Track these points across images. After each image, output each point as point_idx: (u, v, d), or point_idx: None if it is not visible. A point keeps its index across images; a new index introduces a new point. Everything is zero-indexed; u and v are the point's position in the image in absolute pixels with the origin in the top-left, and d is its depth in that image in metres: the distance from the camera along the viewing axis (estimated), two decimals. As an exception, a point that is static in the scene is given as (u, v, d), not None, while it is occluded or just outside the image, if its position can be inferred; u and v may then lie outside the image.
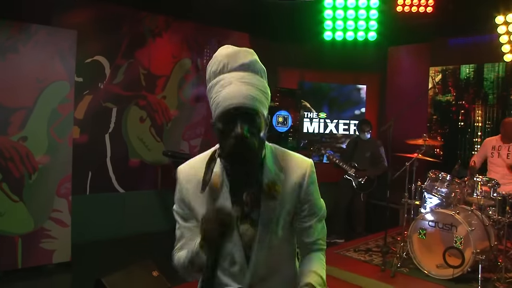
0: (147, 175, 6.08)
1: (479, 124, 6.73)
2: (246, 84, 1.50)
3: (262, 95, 1.54)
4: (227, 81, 1.51)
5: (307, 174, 1.63)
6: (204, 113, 6.69)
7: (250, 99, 1.49)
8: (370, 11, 5.33)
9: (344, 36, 5.74)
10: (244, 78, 1.52)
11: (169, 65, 6.25)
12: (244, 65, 1.54)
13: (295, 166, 1.64)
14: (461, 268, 4.03)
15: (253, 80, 1.53)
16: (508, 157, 4.95)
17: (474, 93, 6.72)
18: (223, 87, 1.51)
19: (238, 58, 1.55)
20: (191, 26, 6.40)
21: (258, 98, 1.51)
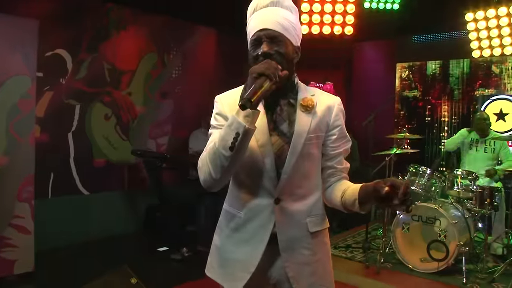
0: (113, 176, 5.73)
1: (446, 119, 6.87)
2: (273, 14, 1.63)
3: (290, 25, 1.65)
4: (257, 14, 1.66)
5: (336, 103, 1.76)
6: (171, 110, 6.41)
7: (275, 24, 1.62)
8: (348, 5, 5.29)
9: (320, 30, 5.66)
10: (272, 11, 1.64)
11: (135, 60, 5.93)
12: (273, 2, 1.65)
13: (325, 96, 1.77)
14: (446, 261, 4.03)
15: (280, 12, 1.64)
16: (485, 151, 5.01)
17: (440, 88, 6.86)
18: (253, 19, 1.66)
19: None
20: (158, 20, 6.11)
21: (285, 25, 1.63)
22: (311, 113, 1.68)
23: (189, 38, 6.59)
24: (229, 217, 1.75)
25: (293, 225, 1.67)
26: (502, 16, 5.37)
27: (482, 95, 6.47)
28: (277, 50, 1.61)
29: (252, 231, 1.68)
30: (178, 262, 4.77)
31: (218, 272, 1.78)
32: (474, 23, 5.58)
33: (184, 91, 6.54)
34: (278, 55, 1.61)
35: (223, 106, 1.73)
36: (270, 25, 1.61)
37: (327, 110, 1.71)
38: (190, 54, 6.60)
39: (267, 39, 1.62)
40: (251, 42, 1.66)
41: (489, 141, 5.02)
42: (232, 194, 1.77)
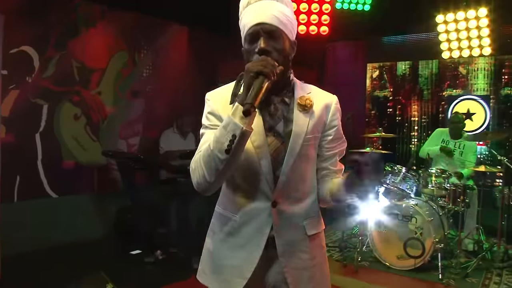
0: (82, 178, 5.53)
1: (415, 119, 7.02)
2: (269, 6, 1.55)
3: (286, 18, 1.57)
4: (251, 7, 1.58)
5: (333, 102, 1.70)
6: (142, 110, 6.26)
7: (272, 18, 1.54)
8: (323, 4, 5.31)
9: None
10: (266, 4, 1.57)
11: (105, 58, 5.74)
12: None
13: (322, 94, 1.72)
14: (422, 258, 4.10)
15: (277, 6, 1.57)
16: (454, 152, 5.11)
17: (410, 89, 7.00)
18: (248, 12, 1.58)
19: None
20: (128, 17, 5.95)
21: (281, 19, 1.55)
22: (309, 113, 1.62)
23: (160, 36, 6.46)
24: (224, 220, 1.69)
25: (291, 229, 1.63)
26: (470, 19, 5.52)
27: (450, 95, 6.65)
28: (274, 46, 1.55)
29: (248, 236, 1.62)
30: (152, 265, 4.65)
31: (211, 278, 1.72)
32: (444, 25, 5.72)
33: (156, 90, 6.39)
34: (275, 51, 1.54)
35: (215, 104, 1.67)
36: (267, 19, 1.54)
37: (324, 110, 1.66)
38: (161, 53, 6.46)
39: (264, 34, 1.54)
40: (247, 36, 1.59)
41: (459, 143, 5.14)
42: (227, 196, 1.70)
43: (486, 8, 5.38)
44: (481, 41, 5.54)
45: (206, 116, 1.68)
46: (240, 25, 1.65)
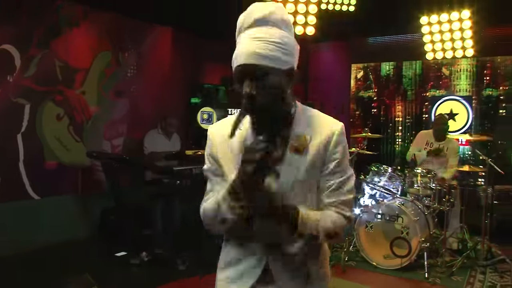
0: (65, 179, 5.44)
1: (399, 119, 7.09)
2: (255, 41, 1.41)
3: (277, 48, 1.41)
4: (241, 40, 1.45)
5: (335, 134, 1.52)
6: (127, 110, 6.18)
7: (256, 56, 1.39)
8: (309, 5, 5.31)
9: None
10: (256, 34, 1.42)
11: (88, 58, 5.65)
12: (258, 20, 1.44)
13: (323, 125, 1.54)
14: (409, 257, 4.14)
15: (265, 35, 1.41)
16: None
17: (394, 89, 7.07)
18: (238, 44, 1.46)
19: (252, 14, 1.45)
20: (112, 17, 5.86)
21: (268, 54, 1.39)
22: (302, 155, 1.49)
23: (144, 36, 6.39)
24: (225, 250, 1.64)
25: (288, 268, 1.54)
26: (454, 21, 5.59)
27: (433, 96, 6.74)
28: (261, 86, 1.40)
29: (243, 269, 1.57)
30: (138, 267, 4.59)
31: None
32: (428, 27, 5.78)
33: (140, 90, 6.32)
34: (262, 92, 1.40)
35: (214, 145, 1.62)
36: (249, 58, 1.40)
37: (323, 146, 1.51)
38: (145, 53, 6.40)
39: (248, 76, 1.41)
40: (234, 76, 1.46)
41: (443, 145, 5.18)
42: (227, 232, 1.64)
43: (469, 10, 5.46)
44: (464, 42, 5.61)
45: (207, 157, 1.64)
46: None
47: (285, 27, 1.46)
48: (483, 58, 6.30)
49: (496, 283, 4.05)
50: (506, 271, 4.31)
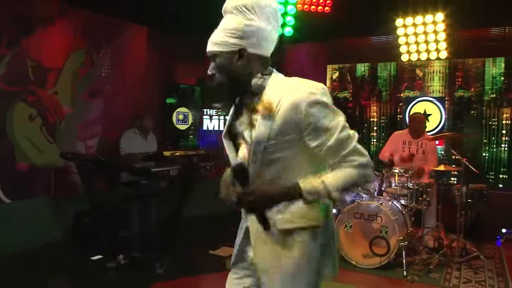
0: (38, 181, 5.29)
1: (375, 120, 7.19)
2: (216, 30, 1.71)
3: (224, 34, 1.67)
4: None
5: (304, 100, 1.57)
6: (101, 110, 6.05)
7: (211, 44, 1.71)
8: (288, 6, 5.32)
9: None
10: (221, 24, 1.71)
11: (62, 57, 5.51)
12: (223, 11, 1.72)
13: (296, 89, 1.61)
14: (388, 256, 4.19)
15: (224, 23, 1.69)
16: (417, 152, 5.23)
17: (369, 90, 7.16)
18: None
19: (227, 3, 1.71)
20: (86, 15, 5.73)
21: (215, 40, 1.69)
22: (271, 118, 1.59)
23: (119, 35, 6.27)
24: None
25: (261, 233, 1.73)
26: (428, 24, 5.72)
27: (407, 97, 6.86)
28: (215, 70, 1.71)
29: (240, 225, 1.92)
30: (114, 271, 4.49)
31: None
32: (403, 29, 5.89)
33: (114, 90, 6.21)
34: (217, 74, 1.71)
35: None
36: (208, 47, 1.72)
37: (293, 110, 1.57)
38: (120, 52, 6.28)
39: (210, 60, 1.73)
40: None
41: (421, 142, 5.28)
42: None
43: (443, 14, 5.59)
44: (438, 45, 5.75)
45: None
46: None
47: (241, 12, 1.65)
48: (455, 60, 6.44)
49: (471, 279, 4.15)
50: (480, 267, 4.43)
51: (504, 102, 6.23)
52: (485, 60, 6.34)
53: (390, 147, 5.37)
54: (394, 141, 5.44)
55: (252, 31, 1.65)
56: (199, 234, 5.71)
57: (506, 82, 6.23)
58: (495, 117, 6.29)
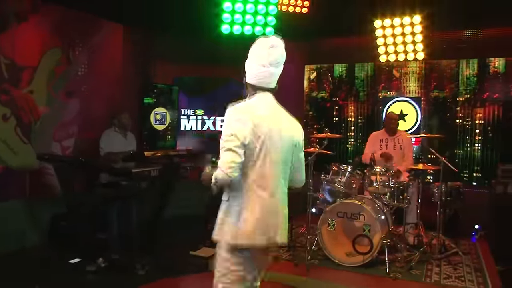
0: (12, 183, 5.10)
1: (352, 119, 7.28)
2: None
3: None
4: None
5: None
6: (77, 110, 5.91)
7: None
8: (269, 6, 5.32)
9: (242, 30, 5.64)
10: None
11: (37, 55, 5.35)
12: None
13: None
14: (371, 254, 4.25)
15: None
16: (394, 148, 5.36)
17: (347, 90, 7.26)
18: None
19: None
20: (60, 11, 5.57)
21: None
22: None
23: (95, 33, 6.14)
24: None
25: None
26: (406, 25, 5.84)
27: (384, 97, 6.98)
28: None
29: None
30: (94, 274, 4.38)
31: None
32: (382, 30, 5.99)
33: (91, 89, 6.07)
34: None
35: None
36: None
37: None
38: (96, 51, 6.15)
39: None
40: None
41: (397, 138, 5.40)
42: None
43: (420, 16, 5.71)
44: (416, 46, 5.87)
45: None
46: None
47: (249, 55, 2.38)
48: (430, 61, 6.60)
49: (451, 274, 4.26)
50: (459, 263, 4.56)
51: (477, 103, 6.43)
52: (459, 61, 6.53)
53: (370, 148, 5.48)
54: (372, 142, 5.57)
55: (247, 68, 2.38)
56: (180, 235, 5.67)
57: (479, 83, 6.43)
58: (469, 117, 6.49)
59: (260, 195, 2.18)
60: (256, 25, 5.30)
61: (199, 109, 7.45)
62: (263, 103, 2.30)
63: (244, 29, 5.69)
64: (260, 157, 2.18)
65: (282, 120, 2.32)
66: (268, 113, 2.27)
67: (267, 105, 2.31)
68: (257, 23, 5.30)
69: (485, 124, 6.40)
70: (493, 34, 6.24)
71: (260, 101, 2.29)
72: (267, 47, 2.30)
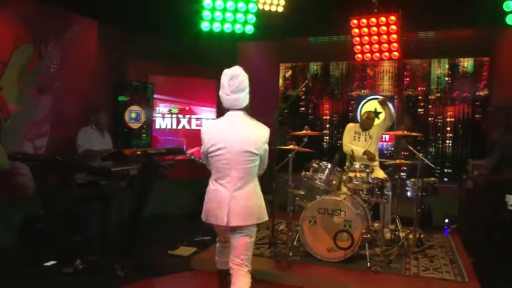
0: (-18, 184, 4.92)
1: (327, 118, 7.39)
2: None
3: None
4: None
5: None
6: (50, 108, 5.74)
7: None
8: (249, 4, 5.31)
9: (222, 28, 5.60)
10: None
11: (7, 50, 5.15)
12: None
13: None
14: (352, 248, 4.33)
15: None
16: (365, 140, 5.50)
17: (322, 88, 7.35)
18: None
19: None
20: (32, 5, 5.40)
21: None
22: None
23: (69, 29, 5.97)
24: None
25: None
26: (381, 25, 5.97)
27: (358, 95, 7.12)
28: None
29: None
30: (71, 276, 4.27)
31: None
32: (358, 29, 6.10)
33: (64, 86, 5.90)
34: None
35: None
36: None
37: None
38: (70, 46, 5.99)
39: None
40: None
41: (368, 133, 5.54)
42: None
43: (396, 16, 5.85)
44: (391, 45, 6.01)
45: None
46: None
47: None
48: (403, 61, 6.78)
49: (428, 267, 4.39)
50: (435, 256, 4.71)
51: (448, 101, 6.65)
52: (431, 61, 6.74)
53: (347, 138, 5.60)
54: (348, 132, 5.66)
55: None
56: (158, 234, 5.61)
57: (450, 82, 6.65)
58: (440, 115, 6.71)
59: (214, 187, 3.06)
60: (236, 23, 5.29)
61: (174, 107, 7.39)
62: (226, 119, 3.04)
63: (224, 26, 5.66)
64: (217, 158, 2.99)
65: (238, 130, 2.97)
66: (226, 126, 2.99)
67: (228, 120, 3.02)
68: (237, 21, 5.29)
69: (455, 122, 6.64)
70: (463, 35, 6.48)
71: (224, 118, 3.06)
72: (227, 79, 2.94)
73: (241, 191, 2.97)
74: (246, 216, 2.97)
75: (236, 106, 2.99)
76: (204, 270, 4.44)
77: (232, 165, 2.96)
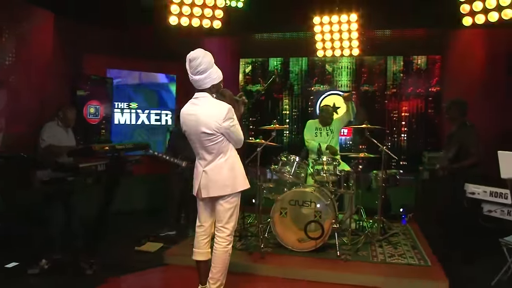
0: None
1: (287, 112, 7.54)
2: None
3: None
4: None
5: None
6: (5, 103, 5.45)
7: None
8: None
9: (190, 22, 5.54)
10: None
11: (-41, 41, 4.86)
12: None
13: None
14: (322, 238, 4.48)
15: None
16: (327, 135, 5.70)
17: (282, 84, 7.48)
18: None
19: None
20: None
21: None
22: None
23: (23, 20, 5.68)
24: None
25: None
26: (343, 23, 6.16)
27: (318, 91, 7.32)
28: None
29: None
30: (37, 277, 4.11)
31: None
32: (320, 26, 6.27)
33: (20, 80, 5.62)
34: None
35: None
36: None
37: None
38: (26, 38, 5.71)
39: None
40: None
41: (329, 129, 5.73)
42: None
43: (357, 14, 6.06)
44: (351, 42, 6.23)
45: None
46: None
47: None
48: (360, 57, 7.04)
49: (393, 253, 4.63)
50: (397, 243, 4.97)
51: (403, 96, 6.99)
52: (387, 58, 7.05)
53: (308, 135, 5.77)
54: (309, 129, 5.83)
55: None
56: (124, 231, 5.52)
57: (404, 78, 7.00)
58: (396, 110, 7.04)
59: (196, 164, 3.35)
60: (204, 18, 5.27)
61: (133, 102, 7.26)
62: (189, 103, 3.26)
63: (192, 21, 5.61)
64: (189, 139, 3.29)
65: (195, 112, 3.16)
66: (188, 109, 3.24)
67: (191, 103, 3.24)
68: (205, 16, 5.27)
69: (410, 116, 7.00)
70: (417, 34, 6.84)
71: (189, 102, 3.27)
72: (188, 62, 3.12)
73: (211, 165, 3.23)
74: (216, 188, 3.22)
75: (201, 86, 3.17)
76: (177, 264, 4.46)
77: (198, 145, 3.24)
